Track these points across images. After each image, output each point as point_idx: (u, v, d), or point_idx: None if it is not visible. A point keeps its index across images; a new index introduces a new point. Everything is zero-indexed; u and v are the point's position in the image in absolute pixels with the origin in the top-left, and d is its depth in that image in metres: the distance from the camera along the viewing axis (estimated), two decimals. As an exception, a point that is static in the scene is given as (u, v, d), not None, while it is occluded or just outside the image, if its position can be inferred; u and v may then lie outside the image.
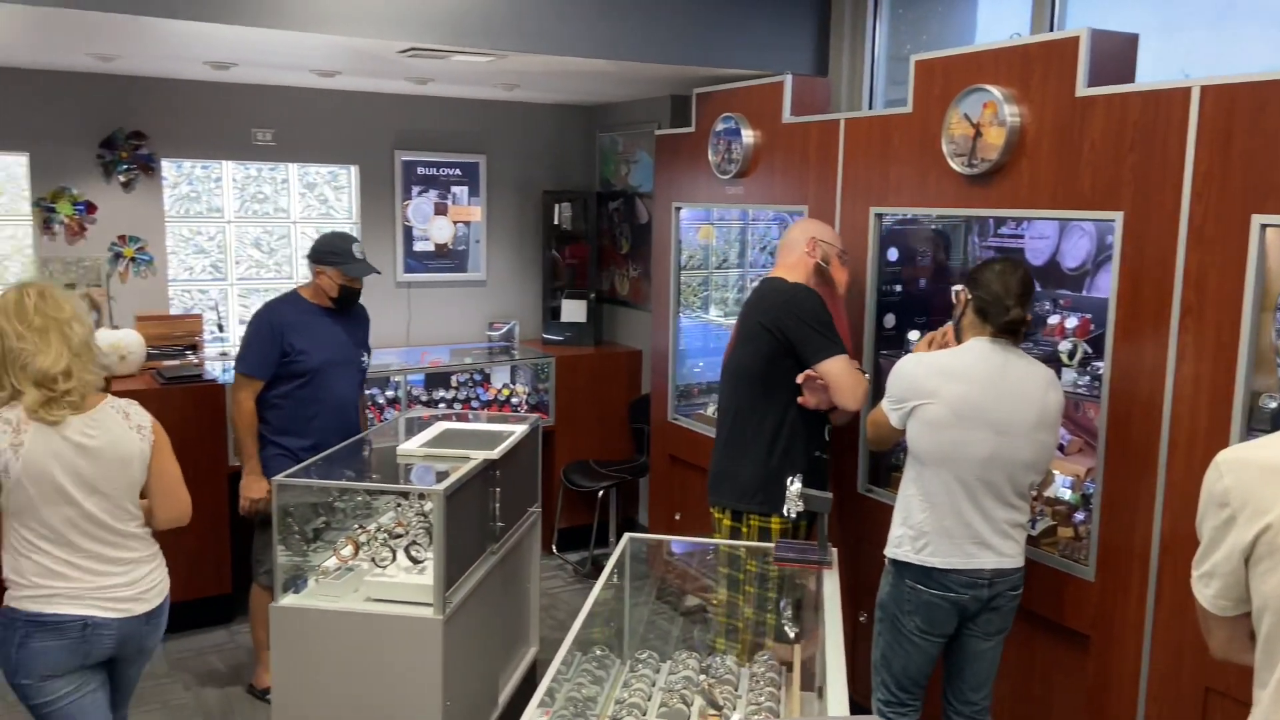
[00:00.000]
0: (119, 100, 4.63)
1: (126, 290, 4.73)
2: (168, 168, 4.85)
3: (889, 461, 3.43)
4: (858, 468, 3.44)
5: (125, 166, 4.67)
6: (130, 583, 2.41)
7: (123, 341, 4.26)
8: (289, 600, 2.88)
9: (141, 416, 2.44)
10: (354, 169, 5.28)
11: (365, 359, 3.82)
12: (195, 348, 4.62)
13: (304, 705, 2.86)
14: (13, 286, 2.37)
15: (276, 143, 5.00)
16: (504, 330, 5.51)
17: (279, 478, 2.93)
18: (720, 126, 4.05)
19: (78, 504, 2.31)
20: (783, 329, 3.01)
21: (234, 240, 5.14)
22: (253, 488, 3.60)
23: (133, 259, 4.75)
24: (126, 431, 2.38)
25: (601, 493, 5.03)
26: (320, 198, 5.34)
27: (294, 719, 2.88)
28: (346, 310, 3.73)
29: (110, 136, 4.63)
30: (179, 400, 4.13)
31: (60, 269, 4.59)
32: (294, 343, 3.57)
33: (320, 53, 3.81)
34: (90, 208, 4.64)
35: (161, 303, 4.83)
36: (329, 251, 3.64)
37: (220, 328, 4.98)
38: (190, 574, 4.24)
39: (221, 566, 4.32)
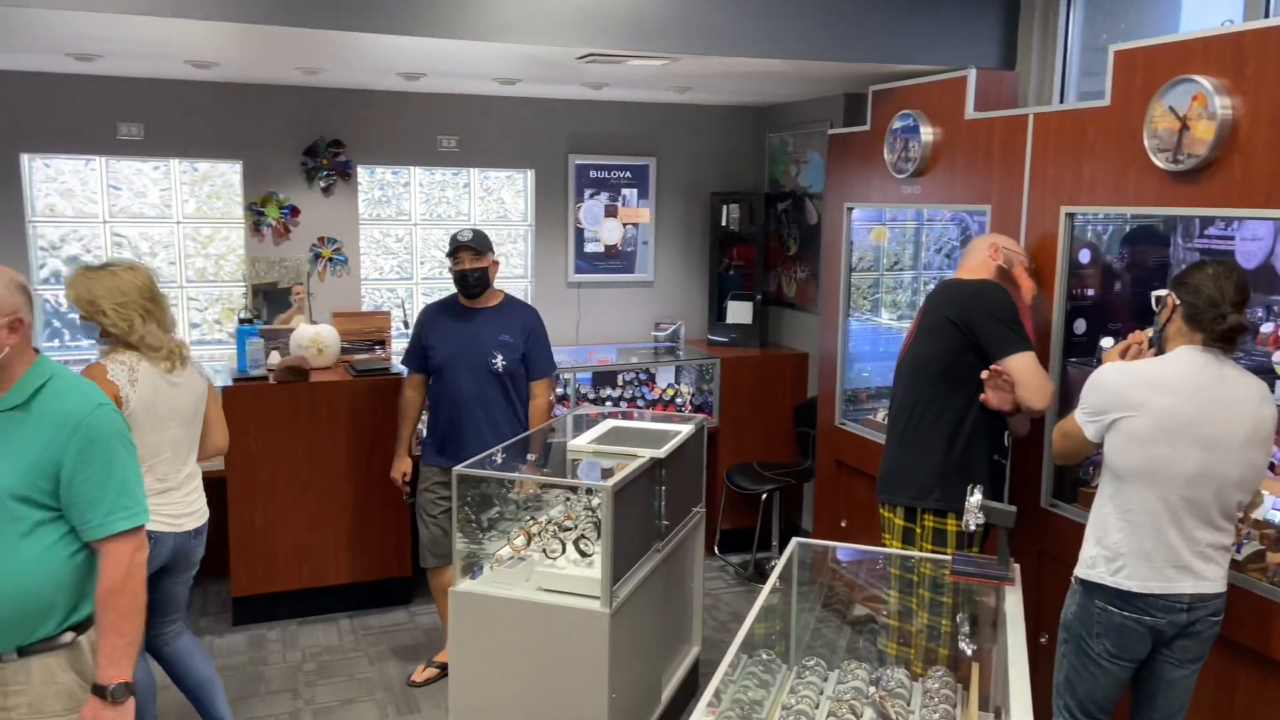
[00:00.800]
0: (321, 111, 4.98)
1: (324, 288, 5.08)
2: (362, 173, 5.17)
3: (1075, 476, 3.25)
4: (1041, 481, 3.28)
5: (325, 173, 5.01)
6: (182, 500, 2.87)
7: (320, 335, 4.57)
8: (466, 585, 3.02)
9: (199, 365, 3.02)
10: (530, 173, 5.46)
11: (497, 360, 3.74)
12: (383, 343, 4.90)
13: (478, 686, 2.99)
14: (103, 268, 2.80)
15: (460, 149, 5.24)
16: (669, 331, 5.57)
17: (459, 468, 3.08)
18: (897, 124, 3.95)
19: (170, 430, 2.81)
20: (969, 323, 2.92)
21: (419, 242, 5.42)
22: (393, 467, 4.06)
23: (330, 259, 5.09)
24: (199, 375, 2.97)
25: (765, 496, 5.00)
26: (498, 200, 5.56)
27: (468, 698, 3.01)
28: (472, 298, 3.79)
29: (313, 145, 4.98)
30: (367, 391, 4.40)
31: (266, 268, 4.98)
32: (427, 339, 3.84)
33: (504, 61, 3.96)
34: (294, 211, 5.00)
35: (354, 300, 5.16)
36: None
37: (405, 324, 5.24)
38: (373, 557, 4.51)
39: (402, 550, 4.56)
